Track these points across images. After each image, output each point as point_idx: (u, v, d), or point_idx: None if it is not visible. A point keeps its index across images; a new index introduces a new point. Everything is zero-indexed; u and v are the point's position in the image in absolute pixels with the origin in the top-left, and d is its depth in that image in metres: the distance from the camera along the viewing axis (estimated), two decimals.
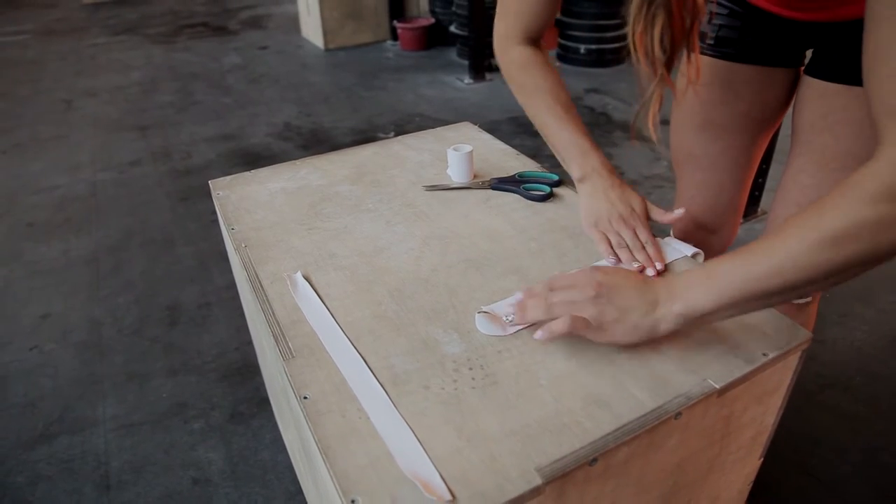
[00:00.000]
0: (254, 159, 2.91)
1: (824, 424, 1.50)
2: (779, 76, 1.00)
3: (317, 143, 3.08)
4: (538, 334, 0.67)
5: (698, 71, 0.76)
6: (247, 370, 1.70)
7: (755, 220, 2.35)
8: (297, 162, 1.16)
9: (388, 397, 0.64)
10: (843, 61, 0.88)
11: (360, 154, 1.19)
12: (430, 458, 0.57)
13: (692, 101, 1.07)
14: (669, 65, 0.70)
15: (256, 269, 0.86)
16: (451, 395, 0.64)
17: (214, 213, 2.48)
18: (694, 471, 0.73)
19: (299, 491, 1.35)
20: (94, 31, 5.35)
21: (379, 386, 0.65)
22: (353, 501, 0.53)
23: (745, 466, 0.83)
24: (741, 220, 1.22)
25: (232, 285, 2.04)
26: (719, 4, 1.00)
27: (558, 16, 4.15)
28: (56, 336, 1.86)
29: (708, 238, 1.19)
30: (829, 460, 1.41)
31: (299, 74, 4.11)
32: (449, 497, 0.53)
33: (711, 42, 1.01)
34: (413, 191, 1.05)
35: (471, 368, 0.67)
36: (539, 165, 1.12)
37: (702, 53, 1.01)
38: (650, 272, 0.82)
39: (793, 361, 0.73)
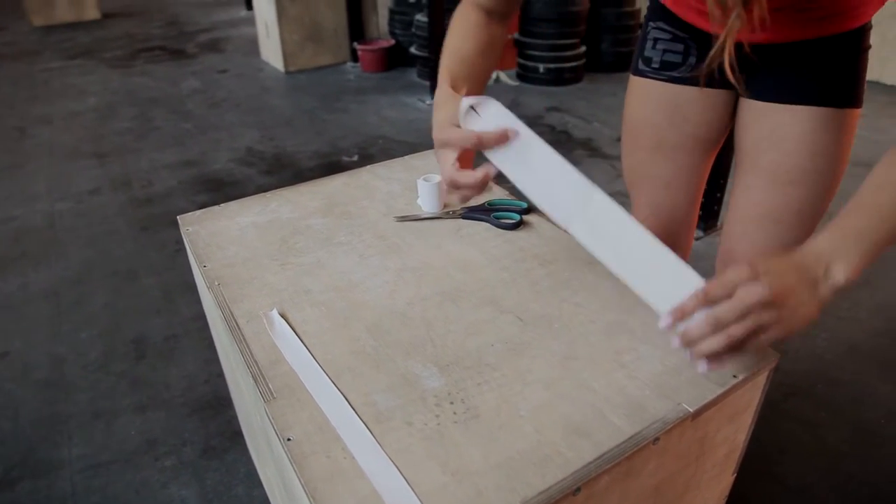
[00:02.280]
0: (217, 186, 2.88)
1: (790, 432, 1.54)
2: (721, 98, 1.03)
3: (280, 167, 3.07)
4: (703, 367, 0.65)
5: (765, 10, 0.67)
6: (218, 403, 1.68)
7: (715, 234, 2.42)
8: (267, 195, 1.16)
9: (371, 436, 0.64)
10: (785, 81, 0.93)
11: (329, 185, 1.19)
12: (416, 495, 0.57)
13: (641, 124, 1.10)
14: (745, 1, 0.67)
15: (231, 308, 0.85)
16: (434, 431, 0.65)
17: (178, 242, 2.47)
18: (671, 492, 0.75)
19: None
20: (46, 56, 5.24)
21: (362, 424, 0.65)
22: None
23: (719, 483, 0.85)
24: (693, 237, 1.26)
25: (199, 316, 2.01)
26: (661, 30, 1.03)
27: (516, 35, 4.24)
28: (16, 375, 1.81)
29: None
30: (795, 467, 1.45)
31: (260, 98, 4.09)
32: None
33: (657, 66, 1.05)
34: (384, 222, 1.06)
35: (452, 402, 0.68)
36: (507, 192, 1.14)
37: (647, 77, 1.06)
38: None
39: (762, 381, 0.76)
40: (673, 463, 0.71)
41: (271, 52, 4.70)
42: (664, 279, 0.72)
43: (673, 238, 1.19)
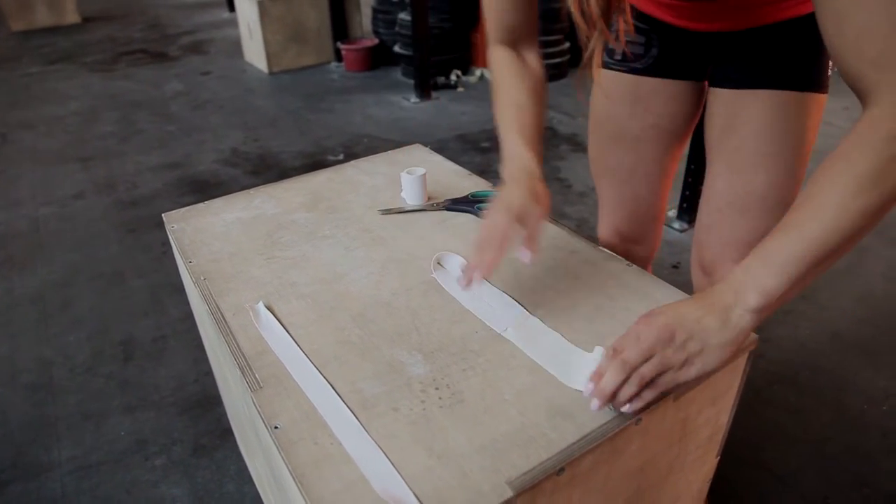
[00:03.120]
0: (202, 187, 2.87)
1: (774, 419, 1.57)
2: (685, 89, 1.04)
3: (265, 168, 3.06)
4: (627, 408, 0.63)
5: (630, 26, 0.80)
6: (207, 402, 1.68)
7: None
8: (252, 191, 1.17)
9: (358, 422, 0.65)
10: (744, 68, 0.94)
11: (313, 180, 1.20)
12: (403, 478, 0.58)
13: (604, 115, 1.11)
14: (606, 18, 0.73)
15: (217, 302, 0.85)
16: (420, 416, 0.65)
17: (165, 244, 2.46)
18: (655, 473, 0.77)
19: None
20: (25, 61, 5.20)
21: (349, 411, 0.66)
22: None
23: (703, 465, 0.86)
24: (661, 229, 1.26)
25: (187, 317, 2.01)
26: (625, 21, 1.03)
27: None
28: (3, 379, 1.79)
29: (633, 248, 1.24)
30: (780, 453, 1.47)
31: (244, 99, 4.08)
32: None
33: (619, 58, 1.05)
34: (369, 215, 1.06)
35: (437, 388, 0.69)
36: (490, 184, 1.15)
37: (609, 69, 1.06)
38: (523, 257, 0.76)
39: (741, 363, 0.78)
40: (656, 444, 0.72)
41: (254, 54, 4.68)
42: (579, 364, 0.72)
43: (640, 229, 1.21)
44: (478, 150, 3.18)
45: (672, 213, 2.52)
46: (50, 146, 3.44)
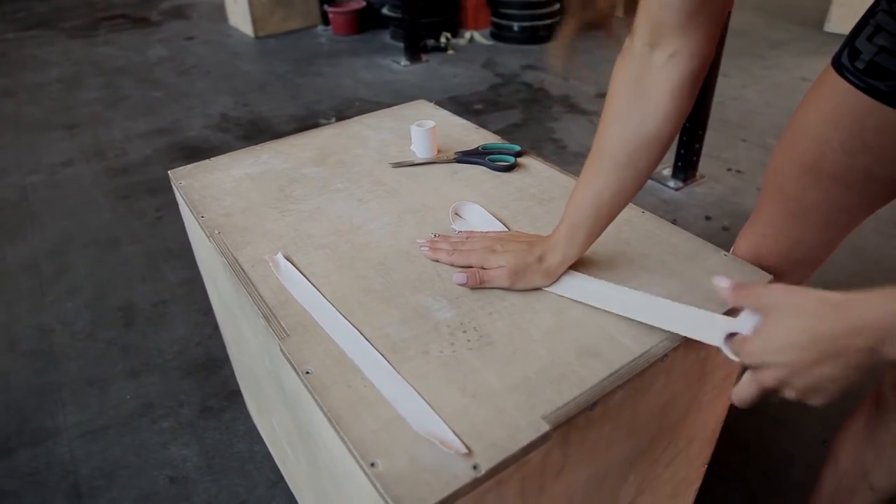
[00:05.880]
0: (193, 153, 2.83)
1: None
2: None
3: (257, 132, 3.02)
4: (457, 277, 0.77)
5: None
6: (211, 364, 1.68)
7: (695, 184, 2.46)
8: (257, 147, 1.15)
9: (389, 365, 0.65)
10: None
11: (320, 136, 1.18)
12: (440, 416, 0.59)
13: (808, 131, 0.83)
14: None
15: (234, 254, 0.85)
16: (451, 358, 0.66)
17: (159, 209, 2.43)
18: (675, 413, 0.78)
19: (281, 479, 1.35)
20: (0, 27, 5.04)
21: (379, 355, 0.66)
22: (373, 464, 0.54)
23: (717, 406, 0.88)
24: (812, 274, 0.98)
25: (186, 281, 1.99)
26: (891, 15, 0.72)
27: None
28: (2, 348, 1.78)
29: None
30: (780, 399, 1.50)
31: (231, 64, 4.00)
32: (465, 450, 0.55)
33: (861, 67, 0.74)
34: (379, 168, 1.05)
35: (465, 331, 0.69)
36: (499, 137, 1.15)
37: (842, 75, 0.77)
38: (456, 279, 0.78)
39: None
40: (678, 382, 0.73)
41: (240, 18, 4.58)
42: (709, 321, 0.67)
43: (784, 269, 0.91)
44: (471, 112, 3.15)
45: (667, 171, 2.52)
46: (33, 114, 3.37)
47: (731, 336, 0.61)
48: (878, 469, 0.96)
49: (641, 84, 0.68)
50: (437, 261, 0.82)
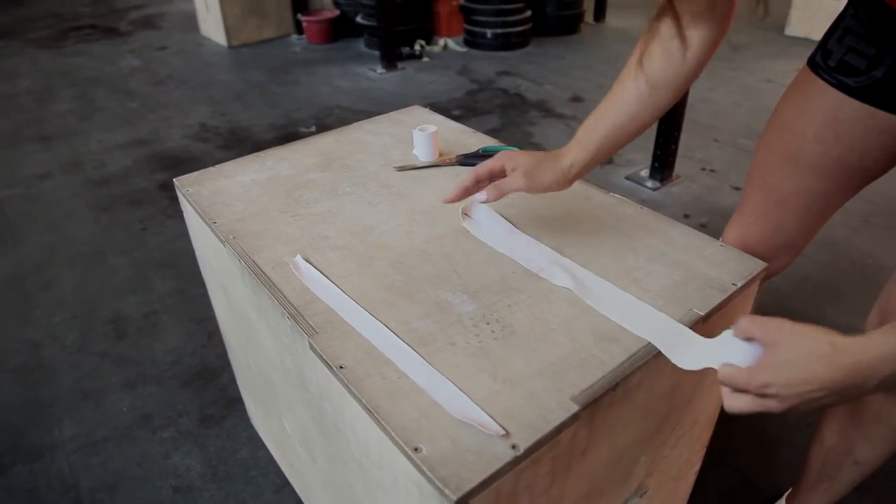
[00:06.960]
0: (174, 162, 2.81)
1: None
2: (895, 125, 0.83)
3: (237, 141, 3.02)
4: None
5: None
6: (208, 373, 1.68)
7: (672, 185, 2.53)
8: (261, 154, 1.17)
9: (419, 356, 0.68)
10: None
11: (321, 142, 1.21)
12: (474, 402, 0.62)
13: (786, 124, 0.93)
14: None
15: (253, 258, 0.87)
16: (477, 348, 0.69)
17: (143, 221, 2.42)
18: (682, 396, 0.83)
19: (286, 483, 1.37)
20: None
21: (408, 348, 0.69)
22: (416, 449, 0.57)
23: (716, 389, 0.93)
24: (795, 258, 1.07)
25: (177, 291, 1.99)
26: (859, 20, 0.82)
27: (463, 1, 4.24)
28: None
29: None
30: None
31: (206, 73, 3.99)
32: (502, 431, 0.58)
33: (832, 65, 0.84)
34: (384, 172, 1.09)
35: (488, 323, 0.73)
36: (496, 140, 1.19)
37: (816, 73, 0.88)
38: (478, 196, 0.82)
39: (754, 289, 0.84)
40: None
41: (212, 27, 4.56)
42: (698, 347, 0.70)
43: (769, 254, 0.98)
44: (450, 118, 3.19)
45: (644, 172, 2.60)
46: (4, 126, 3.31)
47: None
48: (862, 444, 1.02)
49: (673, 42, 0.76)
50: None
